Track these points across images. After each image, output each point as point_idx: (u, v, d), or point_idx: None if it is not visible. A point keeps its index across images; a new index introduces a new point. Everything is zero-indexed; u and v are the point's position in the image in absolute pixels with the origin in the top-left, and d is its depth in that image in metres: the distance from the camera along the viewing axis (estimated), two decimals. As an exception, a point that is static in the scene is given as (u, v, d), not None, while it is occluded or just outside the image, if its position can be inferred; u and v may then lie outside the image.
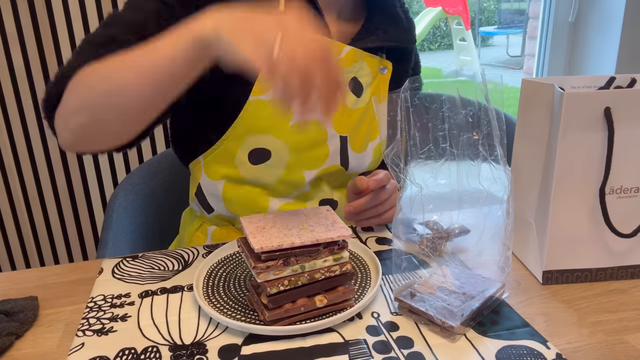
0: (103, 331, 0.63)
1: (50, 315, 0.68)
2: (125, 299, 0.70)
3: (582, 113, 0.65)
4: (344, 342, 0.60)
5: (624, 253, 0.71)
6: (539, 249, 0.71)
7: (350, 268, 0.64)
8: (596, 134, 0.66)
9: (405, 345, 0.59)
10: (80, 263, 0.82)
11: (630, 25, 1.83)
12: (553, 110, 0.68)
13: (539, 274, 0.71)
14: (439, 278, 0.66)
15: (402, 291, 0.64)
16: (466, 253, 0.70)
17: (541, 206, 0.71)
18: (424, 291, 0.63)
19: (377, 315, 0.65)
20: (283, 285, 0.60)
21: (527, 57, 2.28)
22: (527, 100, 0.74)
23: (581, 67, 2.03)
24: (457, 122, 0.61)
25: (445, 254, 0.69)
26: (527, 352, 0.57)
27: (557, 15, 2.01)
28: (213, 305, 0.66)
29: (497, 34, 8.01)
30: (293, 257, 0.60)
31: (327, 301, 0.63)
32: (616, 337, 0.60)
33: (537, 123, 0.71)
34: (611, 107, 0.65)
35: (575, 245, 0.70)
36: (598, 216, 0.68)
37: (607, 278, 0.71)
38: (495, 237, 0.64)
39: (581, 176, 0.67)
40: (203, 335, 0.62)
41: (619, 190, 0.68)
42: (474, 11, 8.09)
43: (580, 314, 0.64)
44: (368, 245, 0.83)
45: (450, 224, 0.69)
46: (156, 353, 0.59)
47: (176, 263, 0.80)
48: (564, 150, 0.66)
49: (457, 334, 0.59)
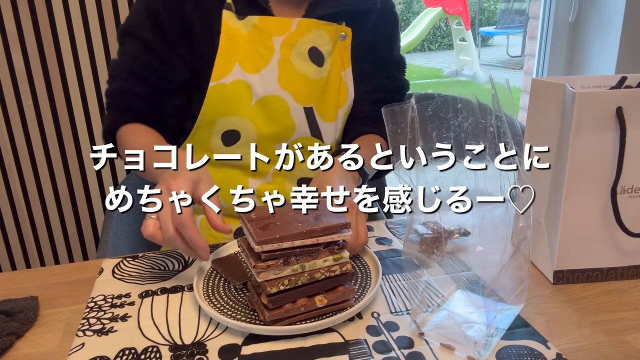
0: (103, 331, 0.63)
1: (50, 315, 0.68)
2: (125, 299, 0.70)
3: (593, 113, 0.65)
4: (344, 342, 0.60)
5: (635, 252, 0.71)
6: (549, 249, 0.72)
7: (350, 268, 0.64)
8: (608, 134, 0.66)
9: (405, 345, 0.59)
10: (80, 263, 0.82)
11: (630, 25, 1.83)
12: (564, 110, 0.68)
13: (550, 273, 0.71)
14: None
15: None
16: (466, 253, 0.70)
17: (552, 206, 0.71)
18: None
19: (377, 315, 0.65)
20: (283, 284, 0.60)
21: (527, 57, 2.28)
22: (537, 100, 0.74)
23: (581, 67, 2.03)
24: (474, 132, 0.60)
25: (446, 254, 0.69)
26: (527, 352, 0.57)
27: (557, 15, 2.01)
28: (213, 305, 0.66)
29: (497, 34, 8.02)
30: (293, 256, 0.60)
31: (327, 301, 0.63)
32: (616, 337, 0.60)
33: (547, 123, 0.71)
34: (623, 107, 0.65)
35: (586, 244, 0.70)
36: (609, 216, 0.68)
37: (618, 277, 0.71)
38: (499, 237, 0.64)
39: (592, 176, 0.67)
40: (203, 335, 0.62)
41: (630, 189, 0.68)
42: (474, 11, 8.09)
43: (580, 313, 0.64)
44: (368, 245, 0.83)
45: (451, 224, 0.69)
46: (156, 353, 0.59)
47: (176, 263, 0.80)
48: (576, 149, 0.66)
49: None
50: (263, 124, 0.91)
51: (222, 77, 0.89)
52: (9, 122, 1.66)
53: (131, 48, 0.91)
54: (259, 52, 0.90)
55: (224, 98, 0.89)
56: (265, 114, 0.91)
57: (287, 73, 0.91)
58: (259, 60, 0.90)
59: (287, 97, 0.91)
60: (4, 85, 1.62)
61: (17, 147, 1.69)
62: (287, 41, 0.91)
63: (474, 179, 0.60)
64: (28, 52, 1.60)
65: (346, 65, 0.96)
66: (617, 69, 1.86)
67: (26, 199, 1.76)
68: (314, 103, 0.93)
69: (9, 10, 1.56)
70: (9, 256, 1.82)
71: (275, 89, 0.91)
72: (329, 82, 0.95)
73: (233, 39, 0.90)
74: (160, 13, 0.90)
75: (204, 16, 0.90)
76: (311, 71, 0.93)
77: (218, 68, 0.89)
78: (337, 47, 0.95)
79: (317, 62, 0.93)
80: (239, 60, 0.89)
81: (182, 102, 0.94)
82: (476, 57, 6.28)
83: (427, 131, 0.61)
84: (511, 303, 0.61)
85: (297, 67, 0.92)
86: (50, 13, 1.58)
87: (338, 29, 0.95)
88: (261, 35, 0.91)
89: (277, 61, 0.91)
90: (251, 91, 0.90)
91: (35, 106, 1.66)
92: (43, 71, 1.63)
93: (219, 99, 0.89)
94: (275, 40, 0.91)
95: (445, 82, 6.30)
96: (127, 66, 0.91)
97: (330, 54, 0.94)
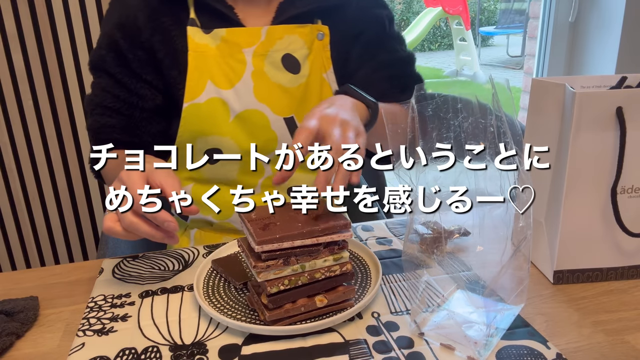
0: (103, 331, 0.63)
1: (50, 315, 0.68)
2: (125, 299, 0.70)
3: (594, 113, 0.65)
4: (344, 342, 0.60)
5: (635, 252, 0.71)
6: (549, 249, 0.72)
7: (350, 268, 0.64)
8: (608, 134, 0.66)
9: (405, 345, 0.59)
10: (80, 263, 0.82)
11: (630, 25, 1.83)
12: (564, 110, 0.68)
13: (550, 273, 0.71)
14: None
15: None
16: (466, 253, 0.70)
17: (552, 206, 0.71)
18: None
19: (377, 315, 0.65)
20: (283, 284, 0.60)
21: (527, 57, 2.28)
22: (537, 99, 0.74)
23: (581, 67, 2.03)
24: (474, 132, 0.60)
25: (446, 254, 0.69)
26: (527, 352, 0.57)
27: (557, 15, 2.01)
28: (213, 305, 0.66)
29: (497, 34, 8.01)
30: (293, 256, 0.60)
31: (327, 301, 0.63)
32: (616, 337, 0.60)
33: (547, 123, 0.71)
34: (623, 107, 0.65)
35: (586, 244, 0.70)
36: (609, 216, 0.68)
37: (618, 277, 0.71)
38: (499, 237, 0.64)
39: (593, 176, 0.67)
40: (203, 335, 0.62)
41: (630, 189, 0.68)
42: (474, 11, 8.09)
43: (580, 313, 0.64)
44: (368, 245, 0.83)
45: (451, 224, 0.69)
46: (156, 353, 0.59)
47: (176, 263, 0.80)
48: (576, 149, 0.66)
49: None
50: (244, 139, 0.88)
51: (196, 97, 0.87)
52: (9, 122, 1.66)
53: (101, 82, 0.91)
54: (230, 66, 0.88)
55: (200, 118, 0.87)
56: (244, 129, 0.89)
57: (263, 85, 0.88)
58: (231, 74, 0.88)
59: (266, 109, 0.88)
60: (4, 85, 1.62)
61: (17, 147, 1.69)
62: (259, 51, 0.88)
63: (474, 179, 0.60)
64: (28, 52, 1.60)
65: (327, 66, 0.92)
66: (617, 69, 1.87)
67: (26, 199, 1.76)
68: (294, 112, 0.90)
69: (9, 10, 1.56)
70: (9, 256, 1.82)
71: (252, 102, 0.88)
72: (308, 87, 0.90)
73: (202, 55, 0.87)
74: (120, 44, 0.88)
75: (165, 39, 0.88)
76: (287, 80, 0.89)
77: (190, 88, 0.87)
78: (315, 49, 0.91)
79: (292, 69, 0.89)
80: (210, 77, 0.87)
81: (162, 126, 0.92)
82: (476, 57, 6.28)
83: (427, 131, 0.61)
84: (511, 303, 0.61)
85: (272, 78, 0.89)
86: (50, 13, 1.58)
87: (313, 29, 0.90)
88: (231, 48, 0.88)
89: (251, 73, 0.88)
90: (228, 108, 0.87)
91: (35, 106, 1.66)
92: (43, 71, 1.63)
93: (195, 119, 0.87)
94: (246, 52, 0.88)
95: (445, 82, 6.28)
96: (99, 100, 0.91)
97: (308, 57, 0.90)
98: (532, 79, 0.73)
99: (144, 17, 0.88)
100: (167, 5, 0.88)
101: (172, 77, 0.89)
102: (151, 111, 0.91)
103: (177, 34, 0.88)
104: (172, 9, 0.88)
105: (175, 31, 0.88)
